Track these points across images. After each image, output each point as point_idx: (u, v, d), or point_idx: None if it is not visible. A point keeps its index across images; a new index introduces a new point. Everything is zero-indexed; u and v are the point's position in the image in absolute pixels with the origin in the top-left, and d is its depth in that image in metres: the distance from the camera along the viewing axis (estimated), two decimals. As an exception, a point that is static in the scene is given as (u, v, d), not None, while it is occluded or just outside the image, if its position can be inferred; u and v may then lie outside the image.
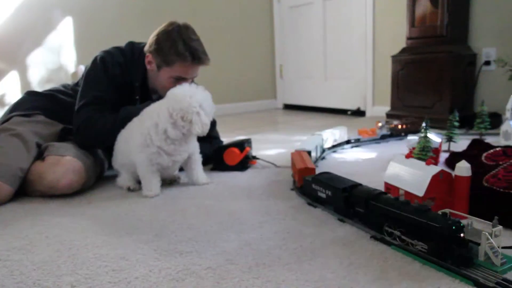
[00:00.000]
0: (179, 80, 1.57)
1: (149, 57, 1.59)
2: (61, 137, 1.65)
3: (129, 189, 1.52)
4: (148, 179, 1.46)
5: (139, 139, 1.44)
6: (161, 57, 1.55)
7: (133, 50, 1.65)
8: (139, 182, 1.52)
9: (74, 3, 3.13)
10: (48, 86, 2.10)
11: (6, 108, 1.76)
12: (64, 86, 1.79)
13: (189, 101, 1.38)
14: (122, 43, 1.70)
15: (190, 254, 1.00)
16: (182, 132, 1.42)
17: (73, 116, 1.58)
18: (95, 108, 1.55)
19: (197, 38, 1.58)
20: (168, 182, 1.61)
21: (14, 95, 2.91)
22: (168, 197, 1.46)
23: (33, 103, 1.69)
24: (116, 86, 1.59)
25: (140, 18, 3.34)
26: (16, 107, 1.69)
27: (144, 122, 1.46)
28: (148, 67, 1.61)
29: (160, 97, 1.70)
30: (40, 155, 1.51)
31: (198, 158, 1.57)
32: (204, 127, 1.42)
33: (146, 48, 1.61)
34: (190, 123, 1.39)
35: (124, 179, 1.55)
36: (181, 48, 1.52)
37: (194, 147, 1.54)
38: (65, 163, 1.45)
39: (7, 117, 1.63)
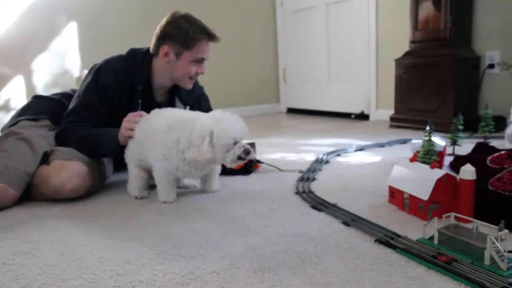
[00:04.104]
0: (199, 62, 1.63)
1: (165, 48, 1.58)
2: None
3: (136, 198, 1.51)
4: (164, 186, 1.44)
5: (161, 149, 1.39)
6: (180, 42, 1.57)
7: (135, 55, 1.65)
8: (152, 187, 1.52)
9: (79, 9, 3.15)
10: (53, 91, 2.12)
11: (11, 113, 1.77)
12: (73, 90, 1.79)
13: (212, 126, 1.30)
14: (126, 47, 1.70)
15: (195, 258, 1.00)
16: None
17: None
18: (75, 118, 1.58)
19: (200, 21, 1.64)
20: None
21: (19, 99, 2.93)
22: (172, 201, 1.47)
23: (40, 107, 1.71)
24: (108, 95, 1.59)
25: (144, 23, 3.35)
26: (24, 111, 1.70)
27: (171, 131, 1.39)
28: (164, 60, 1.60)
29: (163, 100, 1.72)
30: (45, 159, 1.52)
31: (217, 169, 1.54)
32: (202, 157, 1.30)
33: (152, 45, 1.62)
34: (195, 148, 1.30)
35: (132, 187, 1.52)
36: (196, 29, 1.58)
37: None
38: (71, 168, 1.46)
39: (15, 121, 1.64)
